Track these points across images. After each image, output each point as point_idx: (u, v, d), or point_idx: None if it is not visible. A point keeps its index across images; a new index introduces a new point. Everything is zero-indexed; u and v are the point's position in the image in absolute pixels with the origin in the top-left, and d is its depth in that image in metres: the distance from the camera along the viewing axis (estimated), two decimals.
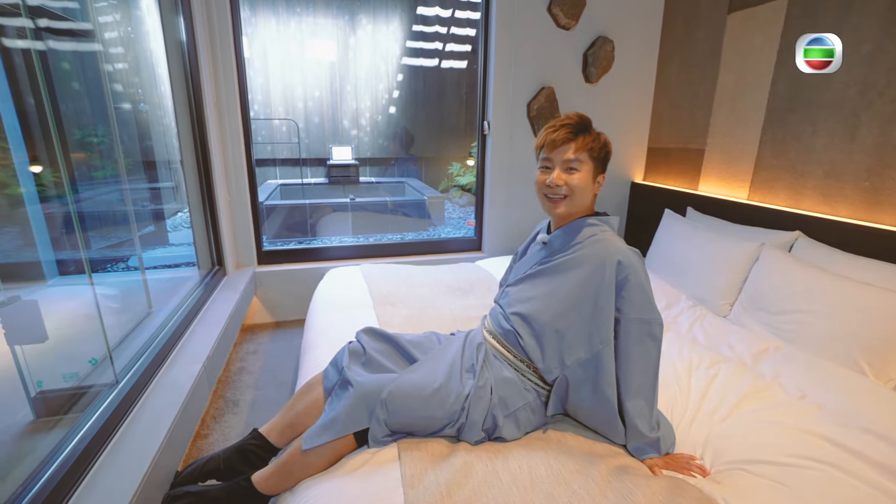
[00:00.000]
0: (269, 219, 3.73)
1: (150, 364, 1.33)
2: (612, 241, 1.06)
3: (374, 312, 1.73)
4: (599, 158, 1.11)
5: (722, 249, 1.93)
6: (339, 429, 0.98)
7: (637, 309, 1.02)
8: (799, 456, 1.00)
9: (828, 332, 1.44)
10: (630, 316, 1.02)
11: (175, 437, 1.14)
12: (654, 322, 1.03)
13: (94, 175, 2.07)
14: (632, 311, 1.02)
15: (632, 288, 1.02)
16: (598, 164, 1.12)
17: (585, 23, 2.54)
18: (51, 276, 1.78)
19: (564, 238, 1.14)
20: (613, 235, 1.10)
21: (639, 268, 1.03)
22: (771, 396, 1.24)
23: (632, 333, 1.02)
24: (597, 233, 1.10)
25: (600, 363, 1.03)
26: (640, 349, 1.02)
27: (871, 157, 1.68)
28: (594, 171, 1.11)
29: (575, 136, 1.09)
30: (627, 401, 1.03)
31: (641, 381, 1.03)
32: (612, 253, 1.03)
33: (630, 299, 1.02)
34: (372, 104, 5.67)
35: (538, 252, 1.20)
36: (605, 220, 1.14)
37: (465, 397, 1.04)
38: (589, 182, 1.11)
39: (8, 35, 1.46)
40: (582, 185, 1.10)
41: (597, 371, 1.03)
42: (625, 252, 1.04)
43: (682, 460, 1.04)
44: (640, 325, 1.02)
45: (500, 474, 0.93)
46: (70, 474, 0.89)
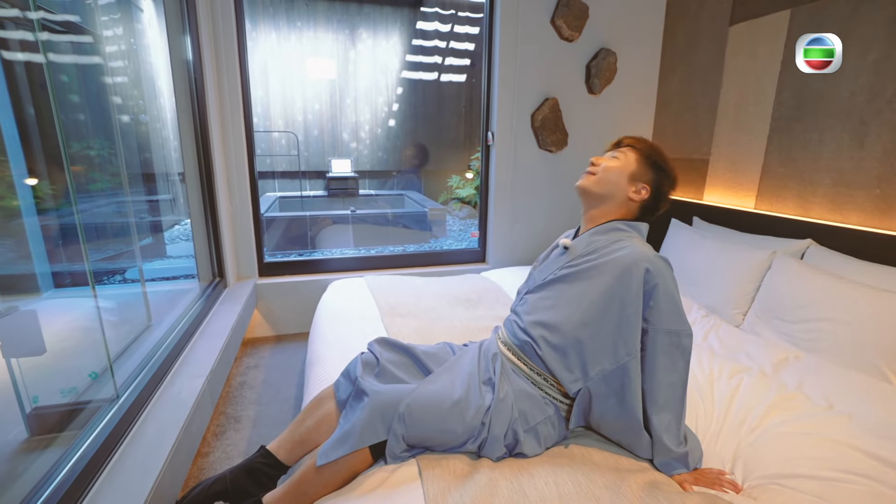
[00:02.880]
0: (269, 231, 3.68)
1: (152, 378, 1.27)
2: (640, 248, 1.02)
3: (382, 324, 1.68)
4: (644, 156, 1.09)
5: (732, 258, 1.91)
6: (356, 441, 0.92)
7: (666, 319, 0.97)
8: (838, 470, 0.95)
9: (849, 341, 1.41)
10: (658, 327, 0.98)
11: (178, 456, 1.08)
12: (684, 333, 0.98)
13: (91, 187, 2.03)
14: (660, 322, 0.97)
15: (660, 297, 0.97)
16: (641, 162, 1.09)
17: (588, 35, 2.56)
18: (46, 289, 1.73)
19: (590, 241, 1.10)
20: (641, 241, 1.06)
21: (668, 276, 0.99)
22: (797, 407, 1.20)
23: (659, 345, 0.98)
24: (623, 238, 1.06)
25: (626, 376, 0.98)
26: (667, 361, 0.98)
27: (881, 165, 1.67)
28: (636, 167, 1.09)
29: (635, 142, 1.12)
30: (654, 415, 0.98)
31: (669, 394, 0.98)
32: (640, 260, 0.99)
33: (658, 309, 0.97)
34: (371, 117, 5.69)
35: (560, 256, 1.15)
36: (633, 225, 1.10)
37: (486, 410, 1.00)
38: (622, 173, 1.09)
39: (10, 48, 1.44)
40: (613, 170, 1.09)
41: (622, 384, 0.98)
42: (653, 259, 0.99)
43: (711, 475, 0.99)
44: (668, 337, 0.98)
45: (527, 491, 0.88)
46: (68, 496, 0.83)
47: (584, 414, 1.06)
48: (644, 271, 0.98)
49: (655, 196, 1.11)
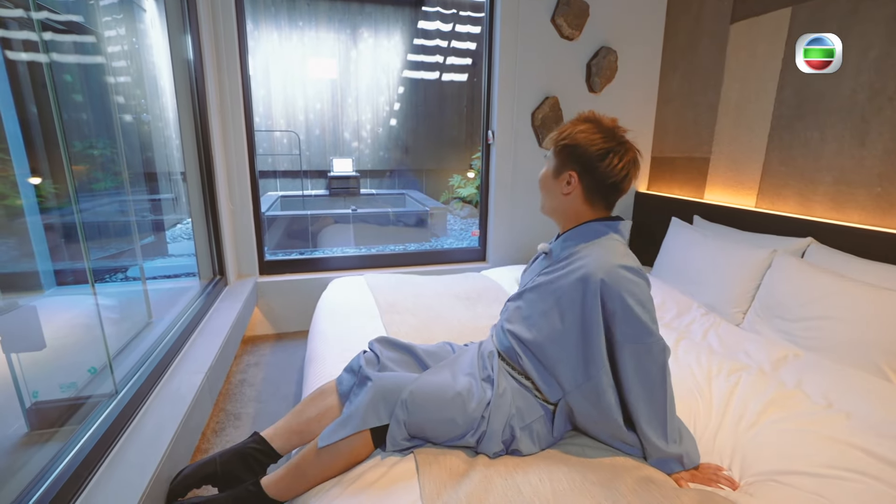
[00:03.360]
0: (270, 230, 3.69)
1: (151, 374, 1.27)
2: (600, 257, 0.95)
3: (380, 322, 1.69)
4: (555, 147, 1.00)
5: (733, 257, 1.91)
6: (358, 423, 0.93)
7: (629, 333, 0.93)
8: (836, 467, 0.95)
9: (849, 339, 1.40)
10: (622, 340, 0.94)
11: (177, 451, 1.09)
12: (653, 345, 0.93)
13: (94, 187, 2.05)
14: (623, 336, 0.93)
15: (620, 311, 0.92)
16: (556, 154, 1.01)
17: (589, 33, 2.55)
18: (48, 287, 1.75)
19: (563, 247, 1.05)
20: (611, 245, 0.99)
21: (629, 287, 0.92)
22: (796, 405, 1.19)
23: (627, 358, 0.94)
24: (592, 244, 1.00)
25: (599, 388, 0.97)
26: (640, 372, 0.95)
27: (882, 163, 1.66)
28: (555, 161, 1.01)
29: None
30: (639, 421, 0.97)
31: (648, 402, 0.96)
32: (595, 272, 0.93)
33: (620, 323, 0.93)
34: (373, 116, 5.70)
35: (540, 262, 1.13)
36: (610, 225, 1.02)
37: (487, 404, 1.00)
38: (548, 176, 1.03)
39: (13, 47, 1.46)
40: (542, 179, 1.04)
41: (597, 396, 0.97)
42: (611, 270, 0.93)
43: (708, 472, 0.99)
44: (634, 348, 0.93)
45: (521, 488, 0.88)
46: (66, 489, 0.83)
47: (567, 422, 1.07)
48: (599, 284, 0.92)
49: (589, 174, 0.98)
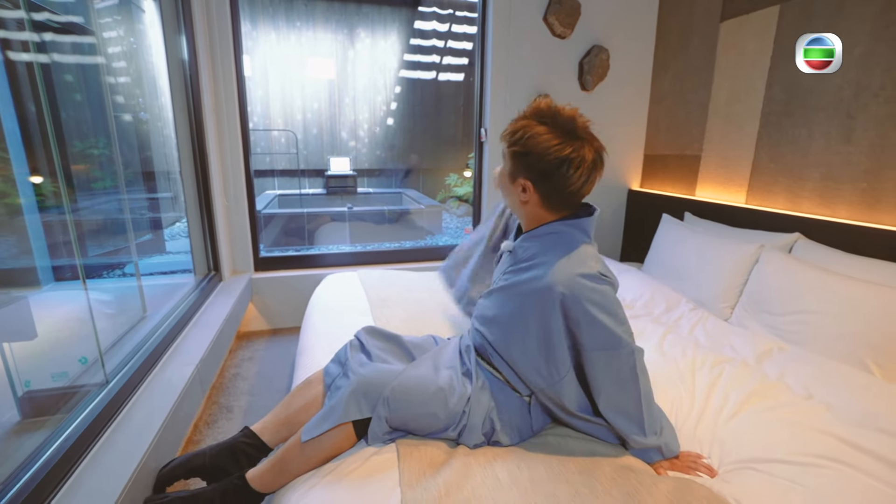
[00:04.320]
0: (267, 228, 3.71)
1: (142, 365, 1.29)
2: (565, 267, 0.92)
3: (371, 316, 1.71)
4: (515, 155, 0.94)
5: (721, 253, 1.92)
6: (340, 416, 0.94)
7: (595, 341, 0.91)
8: (812, 455, 0.97)
9: (833, 332, 1.42)
10: (588, 348, 0.93)
11: (166, 438, 1.11)
12: (622, 350, 0.92)
13: (94, 186, 2.08)
14: (589, 344, 0.92)
15: (584, 321, 0.90)
16: (509, 157, 0.96)
17: (581, 32, 2.57)
18: (46, 282, 1.77)
19: (524, 247, 1.03)
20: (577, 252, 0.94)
21: (591, 296, 0.89)
22: (777, 396, 1.21)
23: (595, 364, 0.93)
24: (560, 247, 0.96)
25: (562, 392, 0.98)
26: (610, 376, 0.94)
27: (868, 159, 1.68)
28: (509, 164, 0.96)
29: None
30: (615, 420, 0.98)
31: (622, 404, 0.96)
32: (554, 285, 0.90)
33: (584, 332, 0.91)
34: (370, 116, 5.72)
35: (506, 258, 1.10)
36: (573, 224, 0.97)
37: (467, 399, 1.02)
38: (506, 182, 0.98)
39: (12, 48, 1.47)
40: (502, 184, 1.00)
41: (560, 398, 0.99)
42: (571, 283, 0.90)
43: (688, 460, 1.01)
44: (601, 355, 0.93)
45: (499, 475, 0.90)
46: (54, 473, 0.85)
47: (543, 415, 1.08)
48: (559, 297, 0.90)
49: (545, 183, 0.93)
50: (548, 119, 0.93)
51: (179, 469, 1.04)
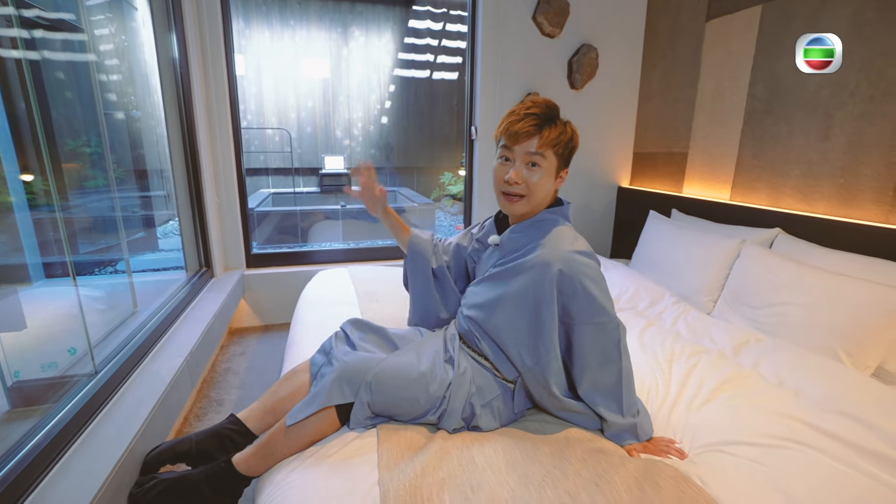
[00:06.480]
0: (260, 226, 3.74)
1: (131, 357, 1.32)
2: (557, 245, 1.01)
3: (358, 309, 1.73)
4: (564, 155, 1.04)
5: (704, 248, 1.96)
6: (323, 400, 0.97)
7: (587, 314, 0.99)
8: (777, 437, 1.00)
9: (807, 323, 1.46)
10: (580, 321, 1.00)
11: (154, 426, 1.13)
12: (609, 323, 1.00)
13: (86, 184, 2.10)
14: (581, 317, 1.00)
15: (577, 296, 0.98)
16: (562, 160, 1.04)
17: (570, 31, 2.61)
18: (37, 279, 1.79)
19: (513, 239, 1.10)
20: (564, 233, 1.04)
21: (585, 271, 0.99)
22: (750, 384, 1.25)
23: (585, 336, 1.00)
24: (548, 231, 1.05)
25: (548, 370, 1.02)
26: (597, 349, 1.01)
27: (844, 155, 1.72)
28: (557, 167, 1.04)
29: (540, 128, 1.00)
30: (595, 397, 1.03)
31: (605, 379, 1.01)
32: (553, 262, 0.99)
33: (579, 306, 0.99)
34: (364, 114, 5.75)
35: (491, 253, 1.16)
36: (558, 211, 1.08)
37: (448, 385, 1.05)
38: (551, 180, 1.04)
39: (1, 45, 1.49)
40: (542, 184, 1.03)
41: (546, 379, 1.03)
42: (567, 258, 0.99)
43: (661, 444, 1.04)
44: (591, 328, 1.00)
45: (475, 458, 0.93)
46: (43, 455, 0.88)
47: (525, 399, 1.12)
48: (557, 273, 0.98)
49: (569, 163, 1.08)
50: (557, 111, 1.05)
51: (165, 454, 1.06)
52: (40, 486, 0.85)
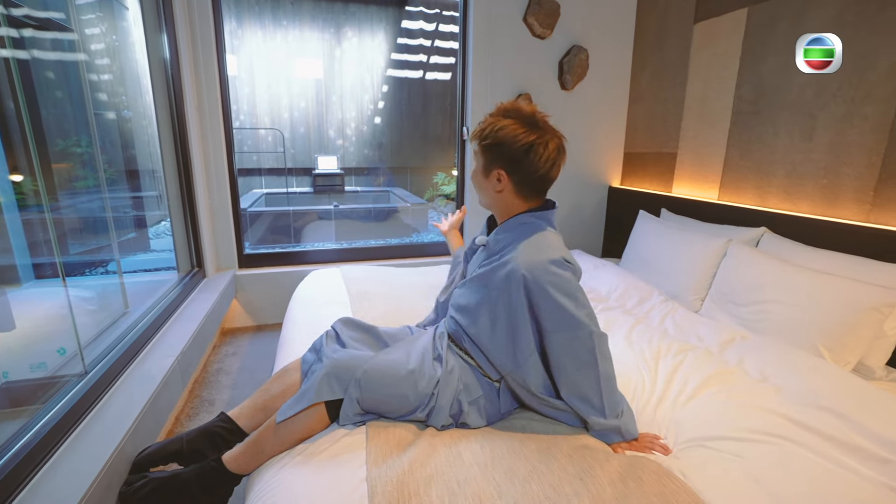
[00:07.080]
0: (253, 226, 3.73)
1: (122, 357, 1.32)
2: (529, 252, 1.01)
3: (349, 309, 1.74)
4: (481, 145, 1.02)
5: (692, 247, 1.99)
6: (313, 396, 0.98)
7: (555, 323, 0.99)
8: (758, 432, 1.03)
9: (790, 320, 1.49)
10: (550, 329, 1.00)
11: (144, 426, 1.14)
12: (580, 331, 0.99)
13: (76, 184, 2.09)
14: (551, 326, 1.00)
15: (544, 304, 0.98)
16: (482, 152, 1.03)
17: (560, 32, 2.63)
18: (27, 280, 1.78)
19: (497, 240, 1.10)
20: (541, 240, 1.03)
21: (552, 280, 0.97)
22: (734, 380, 1.27)
23: (556, 345, 1.00)
24: (529, 236, 1.04)
25: (528, 374, 1.04)
26: (570, 357, 1.00)
27: (827, 156, 1.75)
28: (482, 159, 1.04)
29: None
30: (575, 401, 1.03)
31: (584, 383, 1.01)
32: (518, 269, 0.99)
33: (546, 315, 0.99)
34: (357, 115, 5.75)
35: (479, 253, 1.18)
36: (541, 215, 1.07)
37: (437, 382, 1.06)
38: (478, 175, 1.05)
39: None
40: (474, 178, 1.06)
41: (525, 381, 1.05)
42: (534, 267, 0.98)
43: (646, 440, 1.06)
44: (562, 337, 1.00)
45: (463, 454, 0.95)
46: (31, 457, 0.88)
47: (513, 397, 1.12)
48: (521, 280, 0.98)
49: (517, 170, 1.02)
50: (511, 113, 1.04)
51: (156, 454, 1.07)
52: (29, 485, 0.86)
